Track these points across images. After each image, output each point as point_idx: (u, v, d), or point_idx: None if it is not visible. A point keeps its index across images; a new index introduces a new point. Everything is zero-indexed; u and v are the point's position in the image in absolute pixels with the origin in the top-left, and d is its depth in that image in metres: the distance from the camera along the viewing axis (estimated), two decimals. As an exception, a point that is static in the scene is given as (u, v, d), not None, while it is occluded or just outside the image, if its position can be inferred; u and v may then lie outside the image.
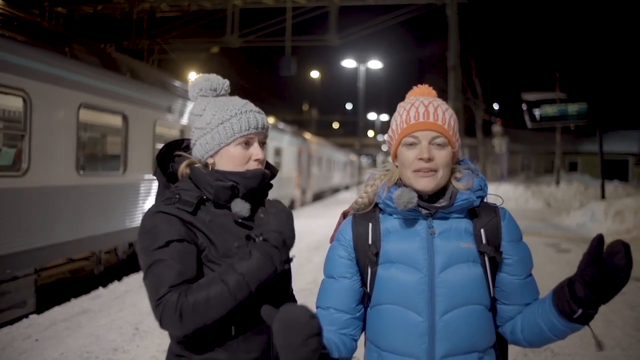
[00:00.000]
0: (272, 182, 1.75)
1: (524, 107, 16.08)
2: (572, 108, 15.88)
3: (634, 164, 34.50)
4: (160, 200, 1.65)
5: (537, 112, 15.99)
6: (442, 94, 1.67)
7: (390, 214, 1.55)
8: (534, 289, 1.57)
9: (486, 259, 1.49)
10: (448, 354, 1.45)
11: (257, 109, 1.68)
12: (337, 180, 36.41)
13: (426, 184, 1.47)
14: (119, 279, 7.66)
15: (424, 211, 1.50)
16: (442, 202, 1.50)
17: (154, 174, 1.73)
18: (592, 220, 13.93)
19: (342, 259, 1.57)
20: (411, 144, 1.49)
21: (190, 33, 16.05)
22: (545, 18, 23.47)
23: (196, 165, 1.66)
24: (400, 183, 1.56)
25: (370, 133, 62.61)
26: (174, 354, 1.64)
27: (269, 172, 1.69)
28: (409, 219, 1.52)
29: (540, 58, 24.78)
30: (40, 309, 5.91)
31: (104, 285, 7.22)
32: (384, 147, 59.55)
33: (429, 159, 1.46)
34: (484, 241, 1.50)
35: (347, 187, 41.24)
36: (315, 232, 13.02)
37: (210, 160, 1.65)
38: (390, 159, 1.66)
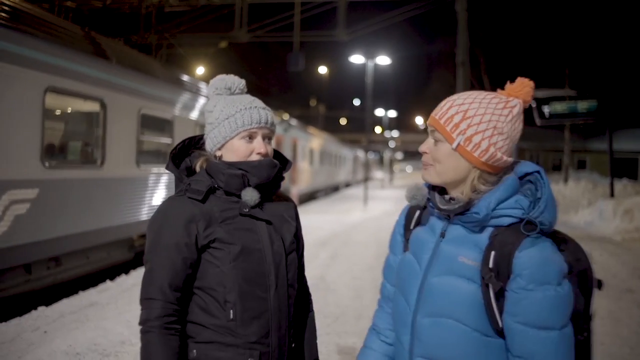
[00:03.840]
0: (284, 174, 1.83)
1: (533, 104, 15.93)
2: (582, 105, 15.73)
3: (643, 162, 34.20)
4: (175, 192, 1.77)
5: (546, 109, 15.85)
6: (451, 90, 1.64)
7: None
8: (544, 352, 1.29)
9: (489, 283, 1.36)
10: (424, 355, 1.44)
11: (262, 105, 1.76)
12: (336, 178, 33.47)
13: (425, 175, 1.49)
14: (127, 272, 7.72)
15: (436, 212, 1.49)
16: (449, 206, 1.45)
17: (166, 168, 1.82)
18: (600, 218, 13.85)
19: (396, 235, 1.65)
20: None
21: (199, 28, 16.05)
22: (555, 14, 23.27)
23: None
24: None
25: (378, 129, 62.46)
26: None
27: (277, 162, 1.76)
28: (435, 216, 1.51)
29: (550, 55, 24.61)
30: (48, 301, 5.96)
31: (112, 278, 7.28)
32: (391, 144, 59.42)
33: (424, 152, 1.48)
34: (490, 264, 1.35)
35: (347, 185, 39.29)
36: (322, 227, 13.04)
37: (218, 153, 1.75)
38: None
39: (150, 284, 1.62)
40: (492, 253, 1.35)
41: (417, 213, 1.59)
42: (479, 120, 1.39)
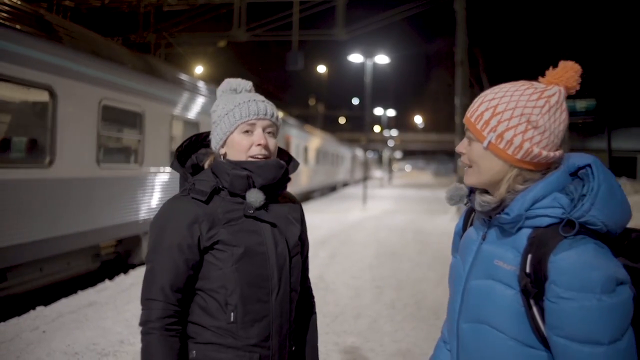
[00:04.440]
0: (290, 175, 1.79)
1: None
2: (581, 104, 15.78)
3: (642, 161, 34.24)
4: (180, 191, 1.75)
5: (545, 108, 15.87)
6: (450, 89, 1.62)
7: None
8: None
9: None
10: None
11: (262, 98, 1.75)
12: (333, 177, 32.31)
13: (465, 177, 1.41)
14: (125, 272, 7.72)
15: (476, 213, 1.44)
16: (482, 207, 1.36)
17: (171, 166, 1.80)
18: (599, 217, 13.86)
19: (455, 236, 1.58)
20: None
21: (198, 27, 16.07)
22: (553, 13, 23.28)
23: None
24: None
25: (377, 128, 62.51)
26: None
27: (283, 162, 1.73)
28: (479, 217, 1.44)
29: (548, 53, 24.61)
30: (47, 301, 5.96)
31: (111, 278, 7.27)
32: (390, 143, 59.46)
33: (461, 152, 1.40)
34: (527, 269, 1.23)
35: (345, 185, 38.79)
36: (321, 226, 13.05)
37: (222, 151, 1.73)
38: None
39: (151, 285, 1.61)
40: (529, 256, 1.23)
41: (473, 214, 1.51)
42: (510, 115, 1.28)
